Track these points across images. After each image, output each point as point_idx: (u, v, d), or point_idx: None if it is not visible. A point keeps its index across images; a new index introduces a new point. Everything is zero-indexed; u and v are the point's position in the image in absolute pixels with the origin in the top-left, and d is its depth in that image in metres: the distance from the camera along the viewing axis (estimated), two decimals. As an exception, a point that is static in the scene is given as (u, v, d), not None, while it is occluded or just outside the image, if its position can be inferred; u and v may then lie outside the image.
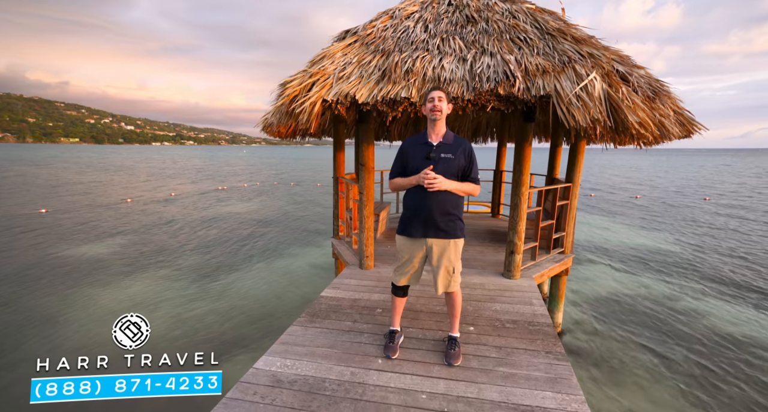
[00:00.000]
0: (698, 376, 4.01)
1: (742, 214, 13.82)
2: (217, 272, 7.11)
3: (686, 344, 4.67)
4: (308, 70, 2.94)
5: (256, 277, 6.96)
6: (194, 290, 6.26)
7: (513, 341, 2.55)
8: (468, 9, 3.27)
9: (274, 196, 17.86)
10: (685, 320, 5.34)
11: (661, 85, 3.06)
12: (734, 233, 10.64)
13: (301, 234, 10.37)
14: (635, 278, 7.05)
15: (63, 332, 4.78)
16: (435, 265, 2.25)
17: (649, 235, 10.60)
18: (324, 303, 3.13)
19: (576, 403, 1.96)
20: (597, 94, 2.38)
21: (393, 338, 2.45)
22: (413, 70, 2.71)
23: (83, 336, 4.69)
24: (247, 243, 9.25)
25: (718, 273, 7.29)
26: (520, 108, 2.79)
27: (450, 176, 2.11)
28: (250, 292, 6.23)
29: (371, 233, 3.79)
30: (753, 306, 5.78)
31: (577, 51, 2.67)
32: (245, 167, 40.23)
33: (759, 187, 22.43)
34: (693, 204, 16.20)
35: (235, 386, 2.05)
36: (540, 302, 3.13)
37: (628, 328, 5.09)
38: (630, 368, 4.16)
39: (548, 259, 4.13)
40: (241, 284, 6.55)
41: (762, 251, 8.75)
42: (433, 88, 2.10)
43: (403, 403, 1.97)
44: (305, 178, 27.18)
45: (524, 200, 3.43)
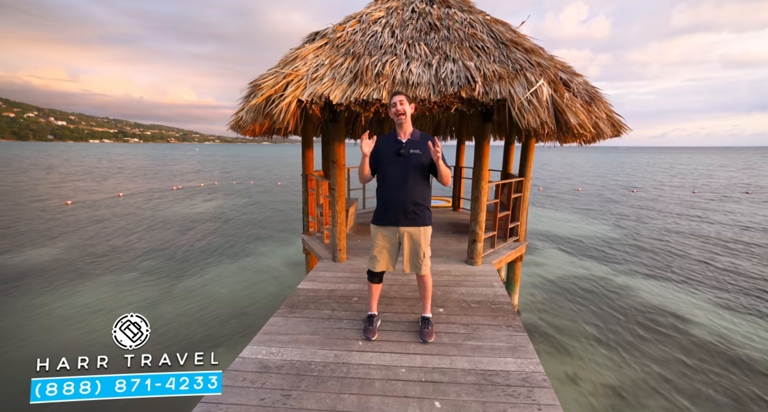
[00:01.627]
0: (629, 341, 4.64)
1: (659, 206, 15.62)
2: (180, 275, 6.87)
3: (621, 316, 5.35)
4: (281, 71, 3.03)
5: (222, 277, 6.83)
6: (157, 293, 6.03)
7: (478, 319, 2.85)
8: (430, 17, 3.52)
9: (234, 195, 17.26)
10: (619, 295, 6.08)
11: (596, 91, 3.52)
12: (654, 221, 12.06)
13: (266, 232, 10.22)
14: (578, 262, 7.84)
15: (10, 340, 4.44)
16: (406, 250, 2.50)
17: (589, 223, 11.72)
18: (302, 295, 3.25)
19: (532, 365, 2.28)
20: (544, 99, 2.74)
21: (371, 322, 2.65)
22: (383, 73, 2.91)
23: (40, 345, 4.39)
24: (209, 244, 8.96)
25: (645, 255, 8.30)
26: (480, 109, 3.09)
27: (421, 169, 2.37)
28: (218, 292, 6.12)
29: (343, 228, 3.95)
30: (672, 281, 6.69)
31: (527, 60, 3.02)
32: (200, 166, 38.23)
33: (671, 182, 25.42)
34: (622, 198, 18.01)
35: (223, 374, 2.14)
36: (500, 284, 3.48)
37: (573, 305, 5.71)
38: (575, 339, 4.72)
39: (505, 246, 4.55)
40: (208, 285, 6.40)
41: (676, 235, 10.04)
42: (395, 93, 2.33)
43: (385, 377, 2.18)
44: (265, 177, 26.46)
45: (484, 193, 3.77)
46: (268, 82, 2.98)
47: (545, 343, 4.63)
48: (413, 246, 2.48)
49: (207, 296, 5.92)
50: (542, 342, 4.63)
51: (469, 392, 2.05)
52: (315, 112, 2.99)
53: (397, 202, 2.37)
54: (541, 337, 4.76)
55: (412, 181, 2.35)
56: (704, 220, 12.17)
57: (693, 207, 14.68)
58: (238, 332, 4.78)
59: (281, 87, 2.90)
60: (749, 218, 12.46)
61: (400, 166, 2.33)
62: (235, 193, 17.76)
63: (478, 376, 2.18)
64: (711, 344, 4.61)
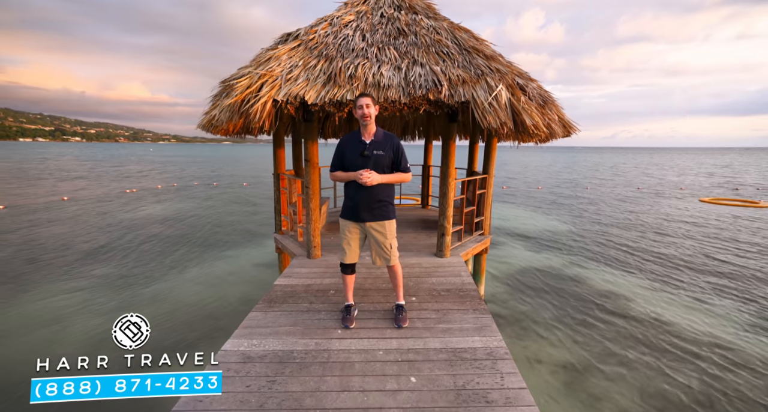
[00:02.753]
0: (582, 323, 5.11)
1: (608, 201, 16.96)
2: (143, 280, 6.60)
3: (575, 301, 5.85)
4: (256, 71, 3.09)
5: (189, 281, 6.64)
6: (119, 300, 5.77)
7: (448, 305, 3.08)
8: (399, 22, 3.72)
9: (196, 197, 16.60)
10: (574, 283, 6.63)
11: (548, 95, 3.88)
12: (604, 215, 13.12)
13: (234, 234, 9.99)
14: (538, 254, 8.41)
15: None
16: (373, 243, 2.69)
17: (547, 218, 12.53)
18: (279, 291, 3.32)
19: (496, 341, 2.54)
20: (503, 102, 3.02)
21: (349, 311, 2.80)
22: (356, 76, 3.05)
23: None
24: (172, 247, 8.64)
25: (596, 246, 9.05)
26: (446, 111, 3.33)
27: (383, 169, 2.54)
28: (186, 297, 5.96)
29: (317, 225, 4.05)
30: (617, 269, 7.38)
31: (488, 66, 3.29)
32: (155, 167, 36.19)
33: (619, 180, 27.61)
34: (577, 194, 19.34)
35: (206, 367, 2.19)
36: (467, 273, 3.75)
37: (533, 293, 6.16)
38: (535, 324, 5.12)
39: (471, 240, 4.85)
40: (175, 290, 6.21)
41: (621, 227, 11.01)
42: (361, 95, 2.46)
43: (364, 359, 2.34)
44: (229, 178, 25.60)
45: (451, 190, 4.03)
46: (242, 81, 3.02)
47: (509, 329, 4.98)
48: (379, 239, 2.66)
49: (175, 301, 5.75)
50: (506, 328, 4.98)
51: (441, 367, 2.25)
52: (290, 112, 3.08)
53: (362, 200, 2.54)
54: (505, 323, 5.11)
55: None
56: (646, 213, 13.39)
57: (636, 202, 16.07)
58: (207, 336, 4.72)
59: (257, 87, 2.96)
60: (682, 211, 13.87)
61: (364, 166, 2.47)
62: (197, 195, 17.08)
63: (449, 353, 2.40)
64: (648, 320, 5.18)
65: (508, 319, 5.27)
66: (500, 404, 1.95)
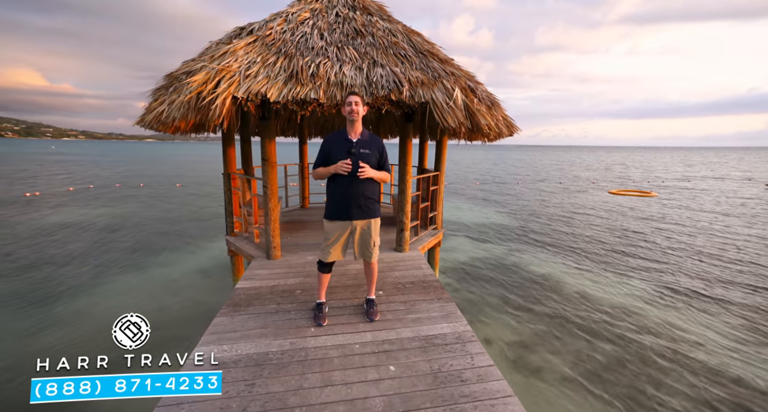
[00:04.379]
0: (524, 306, 5.67)
1: (536, 194, 18.77)
2: (62, 295, 5.82)
3: (517, 287, 6.44)
4: (210, 65, 2.92)
5: (121, 293, 6.01)
6: (33, 320, 5.03)
7: (414, 296, 3.24)
8: (355, 23, 3.77)
9: (120, 200, 14.89)
10: (514, 269, 7.28)
11: (494, 97, 4.23)
12: (533, 206, 14.53)
13: (171, 239, 9.20)
14: (480, 245, 9.06)
15: None
16: (358, 240, 2.72)
17: (487, 211, 13.50)
18: (242, 294, 3.21)
19: (462, 326, 2.75)
20: (459, 104, 3.24)
21: (321, 309, 2.81)
22: (318, 74, 3.05)
23: None
24: (97, 256, 7.71)
25: (531, 234, 10.01)
26: (405, 111, 3.47)
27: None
28: (119, 310, 5.38)
29: (277, 225, 3.96)
30: (549, 253, 8.26)
31: (443, 69, 3.50)
32: (63, 167, 31.56)
33: (543, 175, 30.67)
34: (509, 188, 21.06)
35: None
36: (427, 266, 3.95)
37: (480, 281, 6.65)
38: (484, 310, 5.55)
39: (427, 234, 5.09)
40: (103, 304, 5.58)
41: (549, 216, 12.31)
42: (351, 93, 2.52)
43: (342, 354, 2.39)
44: (158, 178, 23.32)
45: (409, 186, 4.20)
46: (198, 76, 2.84)
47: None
48: (365, 236, 2.71)
49: (104, 317, 5.17)
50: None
51: (416, 354, 2.40)
52: (250, 110, 2.98)
53: (351, 197, 2.57)
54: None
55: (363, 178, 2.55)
56: (562, 205, 15.08)
57: (557, 195, 17.99)
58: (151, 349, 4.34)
59: (214, 83, 2.81)
60: (597, 201, 15.87)
61: (351, 164, 2.52)
62: (119, 198, 15.32)
63: (422, 341, 2.55)
64: (576, 298, 5.92)
65: (460, 307, 5.63)
66: (473, 381, 2.14)
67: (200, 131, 4.01)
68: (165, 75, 3.33)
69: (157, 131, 3.61)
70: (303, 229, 5.39)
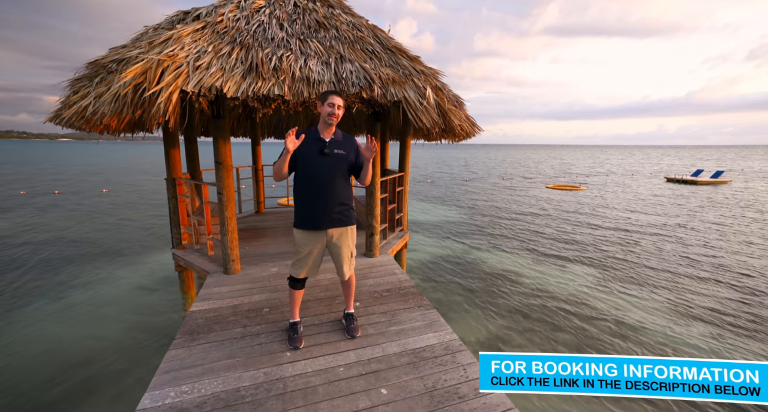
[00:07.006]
0: (488, 300, 5.78)
1: (487, 191, 19.65)
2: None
3: (480, 282, 6.57)
4: (150, 54, 2.47)
5: (41, 321, 5.10)
6: None
7: (393, 305, 3.06)
8: (316, 14, 3.48)
9: (28, 210, 12.83)
10: (476, 266, 7.44)
11: (459, 98, 4.19)
12: (485, 203, 15.16)
13: (97, 255, 8.07)
14: (442, 243, 9.16)
15: None
16: (337, 252, 2.44)
17: (442, 209, 13.78)
18: (200, 317, 2.80)
19: (448, 335, 2.63)
20: (432, 103, 3.12)
21: (296, 329, 2.52)
22: (282, 68, 2.73)
23: None
24: (7, 277, 6.50)
25: (490, 231, 10.36)
26: (377, 110, 3.28)
27: (342, 171, 2.34)
28: (41, 342, 4.55)
29: (235, 235, 3.55)
30: (503, 248, 8.59)
31: (413, 67, 3.36)
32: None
33: (483, 173, 32.33)
34: (460, 186, 21.79)
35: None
36: (401, 270, 3.80)
37: (443, 280, 6.68)
38: (452, 306, 5.56)
39: (395, 236, 4.95)
40: (17, 335, 4.68)
41: (501, 212, 12.91)
42: (333, 93, 2.20)
43: (326, 380, 2.14)
44: (76, 183, 20.56)
45: (377, 188, 4.02)
46: (136, 66, 2.38)
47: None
48: (343, 248, 2.44)
49: (17, 352, 4.33)
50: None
51: (407, 372, 2.22)
52: (201, 106, 2.58)
53: (323, 203, 2.29)
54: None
55: (337, 181, 2.29)
56: (508, 200, 15.93)
57: (502, 191, 18.99)
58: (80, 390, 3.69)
59: (156, 74, 2.37)
60: (537, 195, 16.98)
61: (324, 166, 2.24)
62: (29, 208, 13.22)
63: (410, 356, 2.38)
64: (535, 288, 6.18)
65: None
66: (471, 396, 2.02)
67: (137, 130, 3.45)
68: (87, 63, 2.78)
69: (79, 130, 3.01)
70: (262, 237, 4.96)
